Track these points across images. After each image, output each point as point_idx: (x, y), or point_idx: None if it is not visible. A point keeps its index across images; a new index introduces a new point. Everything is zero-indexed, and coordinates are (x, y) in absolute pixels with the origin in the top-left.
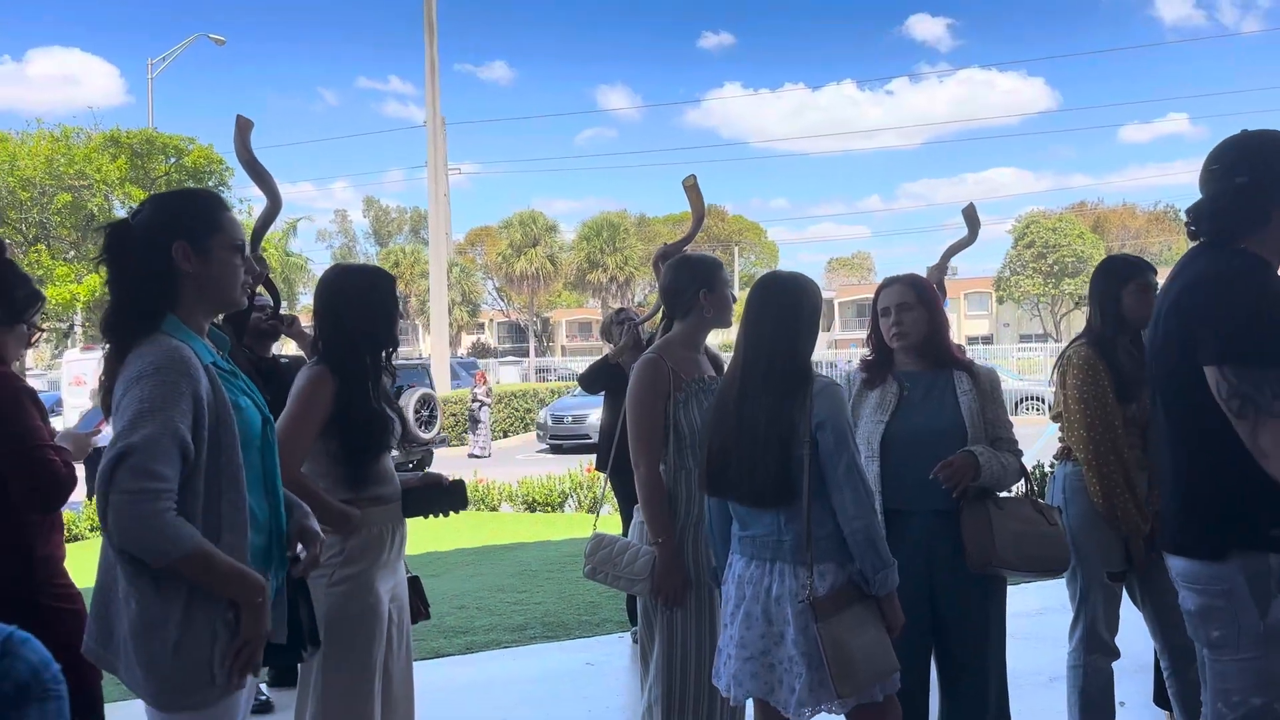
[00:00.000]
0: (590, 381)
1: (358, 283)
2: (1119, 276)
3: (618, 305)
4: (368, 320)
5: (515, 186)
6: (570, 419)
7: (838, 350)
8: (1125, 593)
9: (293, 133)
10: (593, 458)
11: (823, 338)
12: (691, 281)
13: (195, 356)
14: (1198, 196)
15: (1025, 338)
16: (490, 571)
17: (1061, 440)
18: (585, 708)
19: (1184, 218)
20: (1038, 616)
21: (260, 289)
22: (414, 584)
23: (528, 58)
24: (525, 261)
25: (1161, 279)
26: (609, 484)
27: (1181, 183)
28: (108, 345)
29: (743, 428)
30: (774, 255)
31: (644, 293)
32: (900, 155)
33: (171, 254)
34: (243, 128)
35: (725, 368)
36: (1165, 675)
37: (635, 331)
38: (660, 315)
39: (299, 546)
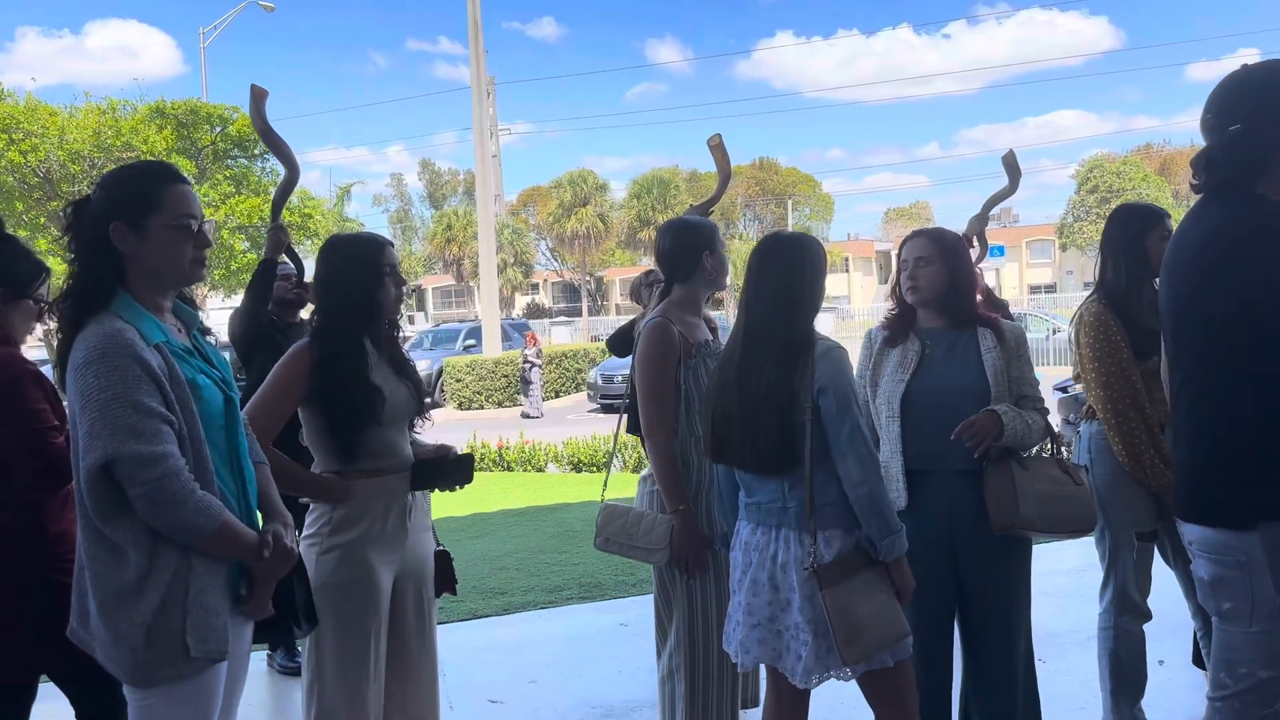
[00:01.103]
0: (618, 345)
1: (343, 252)
2: (1142, 224)
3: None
4: (350, 290)
5: (567, 145)
6: (620, 378)
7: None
8: (1157, 553)
9: (345, 97)
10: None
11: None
12: (694, 245)
13: (140, 337)
14: None
15: (1090, 285)
16: (533, 533)
17: (1086, 399)
18: (615, 667)
19: (1192, 166)
20: (1079, 574)
21: (283, 257)
22: (441, 558)
23: (575, 13)
24: (576, 221)
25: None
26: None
27: None
28: (58, 324)
29: (744, 394)
30: (829, 207)
31: None
32: (958, 101)
33: (110, 235)
34: (258, 97)
35: (718, 332)
36: (1199, 636)
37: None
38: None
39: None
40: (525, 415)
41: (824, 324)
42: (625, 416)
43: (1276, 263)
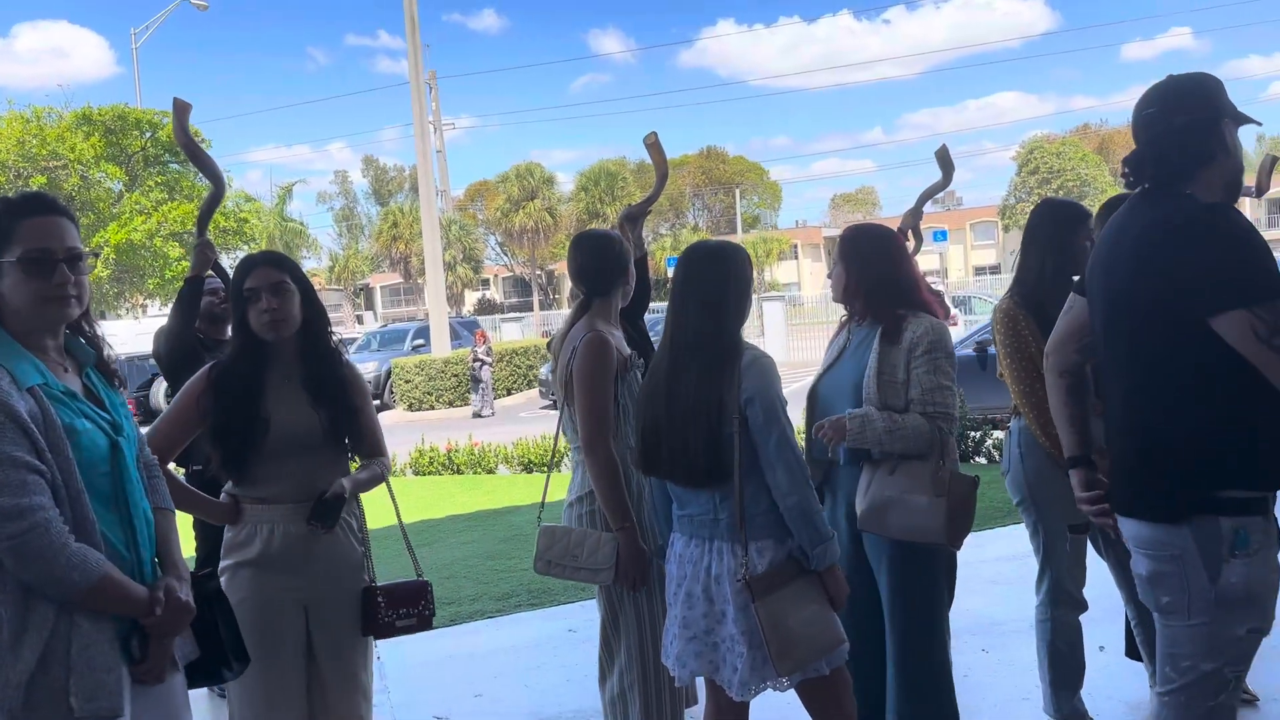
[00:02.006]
0: None
1: (233, 274)
2: (1073, 223)
3: None
4: (236, 314)
5: (513, 138)
6: None
7: None
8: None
9: (284, 94)
10: None
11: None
12: (617, 259)
13: (12, 381)
14: None
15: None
16: (482, 538)
17: (1013, 394)
18: (563, 676)
19: (1123, 168)
20: (1020, 561)
21: (210, 272)
22: (367, 595)
23: (517, 5)
24: (524, 215)
25: None
26: None
27: None
28: None
29: (672, 405)
30: (777, 195)
31: (647, 241)
32: (900, 85)
33: None
34: (180, 111)
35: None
36: (1133, 626)
37: None
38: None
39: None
40: (477, 415)
41: (775, 313)
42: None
43: (1206, 259)
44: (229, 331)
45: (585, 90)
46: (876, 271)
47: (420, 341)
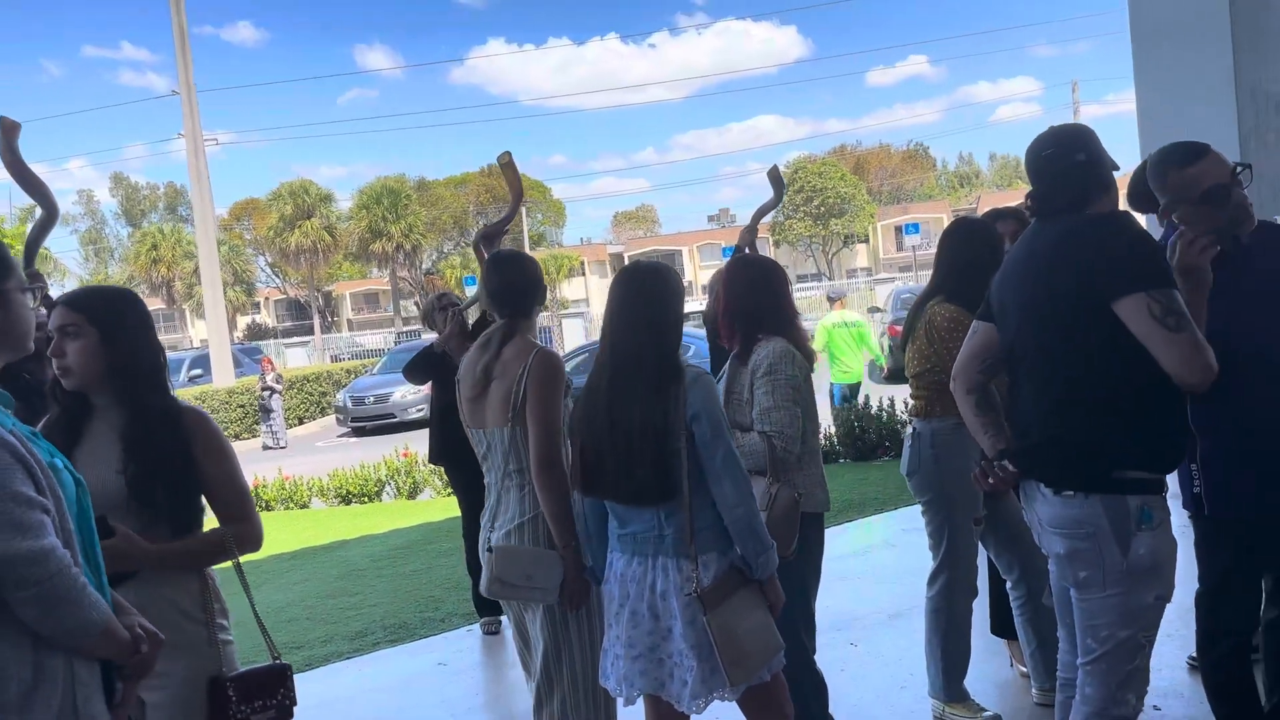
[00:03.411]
0: (416, 372)
1: None
2: (987, 235)
3: (403, 274)
4: None
5: (275, 155)
6: (372, 399)
7: None
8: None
9: (16, 109)
10: (404, 439)
11: None
12: (536, 279)
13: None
14: (949, 133)
15: (802, 277)
16: (314, 576)
17: (918, 398)
18: (447, 711)
19: (1027, 202)
20: (863, 556)
21: (41, 306)
22: (213, 686)
23: (276, 18)
24: (300, 234)
25: (909, 215)
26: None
27: (928, 122)
28: None
29: (615, 427)
30: (560, 212)
31: (431, 260)
32: (669, 107)
33: None
34: (8, 131)
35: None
36: (1018, 600)
37: (461, 318)
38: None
39: None
40: (266, 447)
41: (573, 330)
42: (428, 445)
43: (1111, 251)
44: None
45: (353, 106)
46: (756, 299)
47: (198, 371)
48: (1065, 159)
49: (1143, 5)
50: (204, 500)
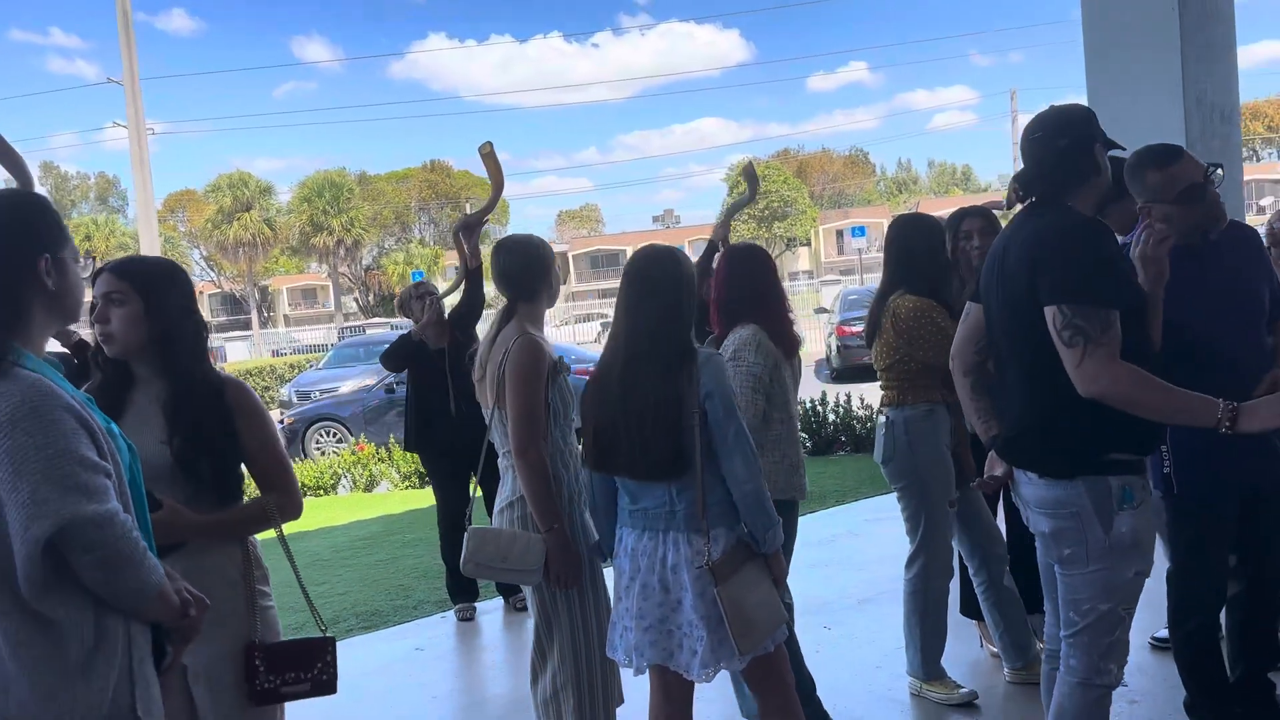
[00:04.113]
0: (393, 359)
1: None
2: (941, 230)
3: (343, 269)
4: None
5: (210, 146)
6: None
7: (575, 302)
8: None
9: None
10: (360, 435)
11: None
12: (540, 264)
13: (62, 389)
14: (888, 139)
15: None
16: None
17: (889, 388)
18: (427, 694)
19: (1013, 184)
20: (830, 544)
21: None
22: (245, 654)
23: (211, 7)
24: (239, 227)
25: (850, 220)
26: (421, 461)
27: (867, 128)
28: None
29: (629, 407)
30: (504, 210)
31: (373, 255)
32: (612, 108)
33: (38, 270)
34: None
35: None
36: (981, 585)
37: (438, 306)
38: (461, 289)
39: None
40: None
41: None
42: (404, 436)
43: (1051, 259)
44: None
45: (290, 98)
46: (739, 287)
47: None
48: (1048, 144)
49: (1095, 15)
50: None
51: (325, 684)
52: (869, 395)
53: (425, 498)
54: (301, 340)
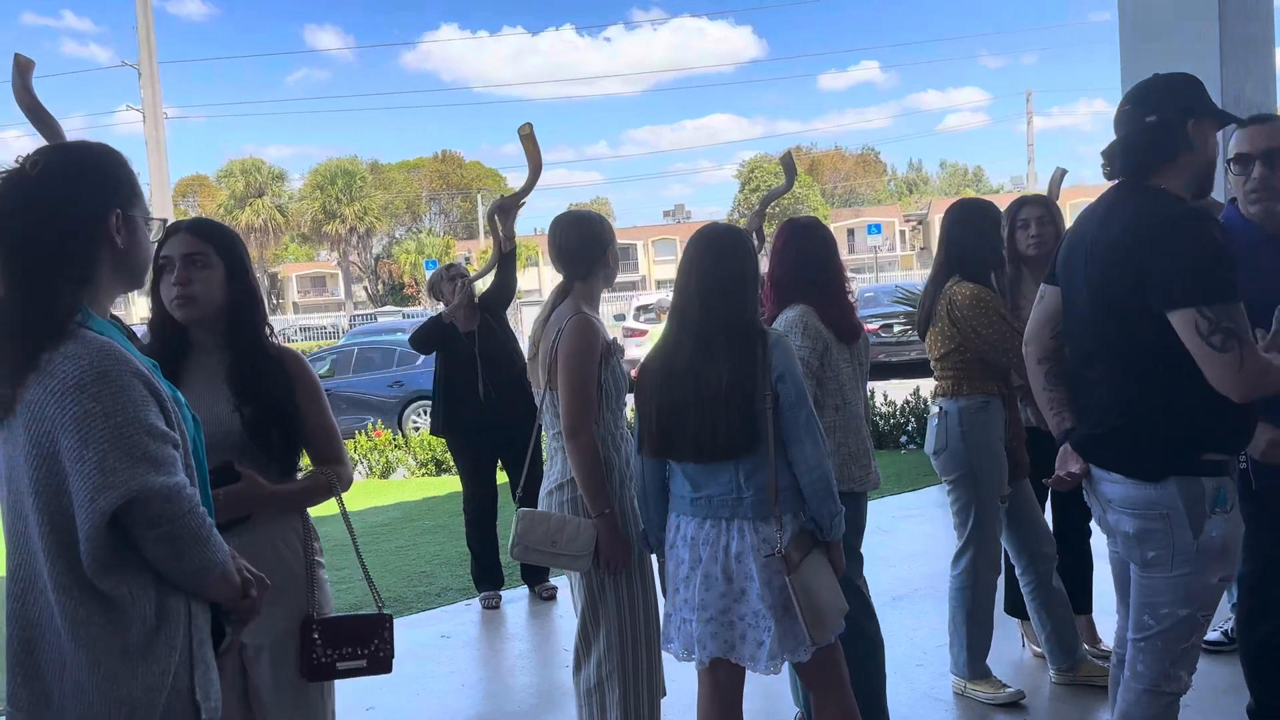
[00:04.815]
0: (422, 341)
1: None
2: (995, 217)
3: (353, 258)
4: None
5: (220, 131)
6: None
7: None
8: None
9: None
10: (375, 420)
11: None
12: (598, 240)
13: (131, 354)
14: (899, 139)
15: None
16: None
17: (944, 378)
18: (456, 682)
19: (1100, 159)
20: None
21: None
22: (303, 629)
23: None
24: (251, 213)
25: (862, 218)
26: (447, 447)
27: (878, 127)
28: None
29: (701, 388)
30: None
31: (383, 244)
32: (623, 101)
33: (109, 225)
34: (23, 68)
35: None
36: (1028, 585)
37: (470, 288)
38: (493, 272)
39: None
40: None
41: (533, 316)
42: (430, 418)
43: (1170, 260)
44: None
45: (301, 86)
46: (804, 265)
47: None
48: (1135, 119)
49: (1132, 13)
50: None
51: (382, 662)
52: (890, 391)
53: (442, 485)
54: (311, 325)
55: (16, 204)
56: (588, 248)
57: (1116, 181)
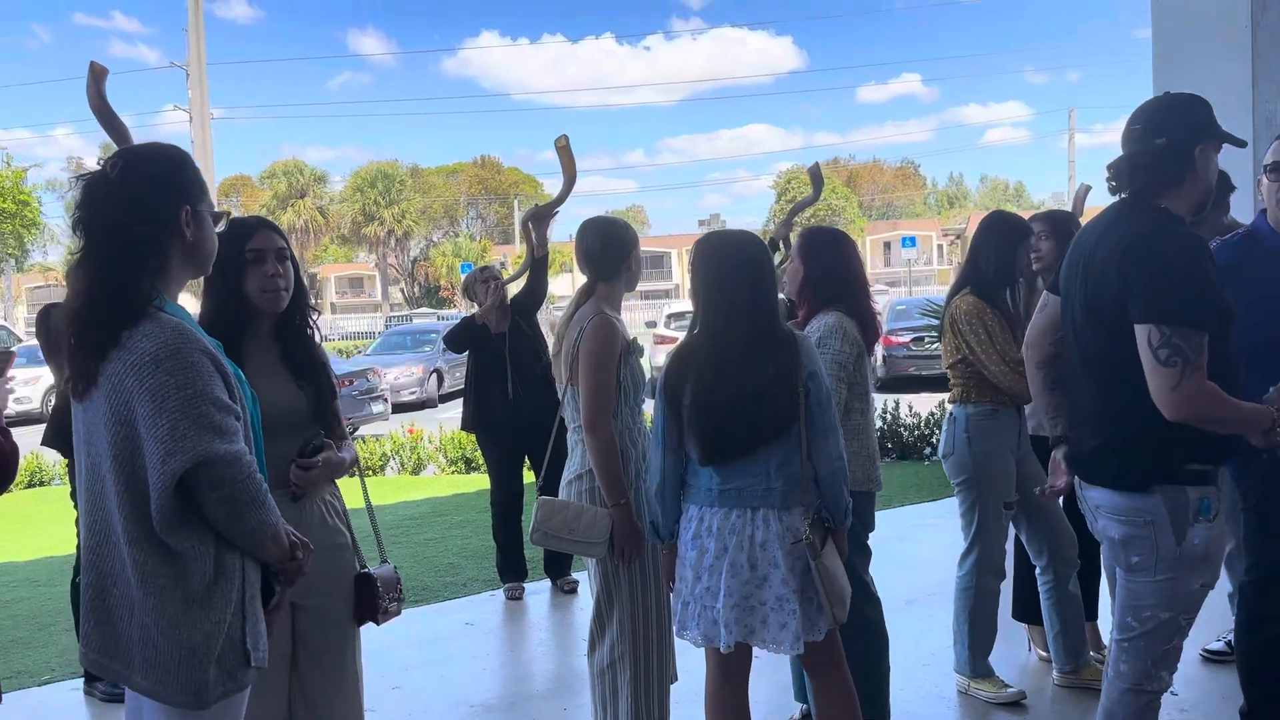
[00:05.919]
0: (456, 341)
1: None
2: (1020, 233)
3: (391, 260)
4: (212, 285)
5: (263, 133)
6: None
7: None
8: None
9: (3, 74)
10: (400, 419)
11: None
12: (622, 245)
13: (200, 334)
14: (939, 152)
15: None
16: None
17: (955, 385)
18: (479, 665)
19: (1106, 173)
20: (878, 547)
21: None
22: (361, 582)
23: None
24: (293, 213)
25: (899, 231)
26: (476, 443)
27: (918, 140)
28: (81, 336)
29: (749, 386)
30: None
31: (420, 248)
32: (660, 111)
33: (180, 221)
34: (98, 75)
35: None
36: (1046, 585)
37: (502, 291)
38: (525, 276)
39: None
40: None
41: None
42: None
43: (1144, 275)
44: None
45: (343, 89)
46: (837, 271)
47: None
48: (1143, 140)
49: (1166, 30)
50: None
51: (399, 607)
52: (917, 404)
53: (471, 482)
54: (346, 328)
55: (101, 203)
56: (611, 251)
57: (1121, 197)
